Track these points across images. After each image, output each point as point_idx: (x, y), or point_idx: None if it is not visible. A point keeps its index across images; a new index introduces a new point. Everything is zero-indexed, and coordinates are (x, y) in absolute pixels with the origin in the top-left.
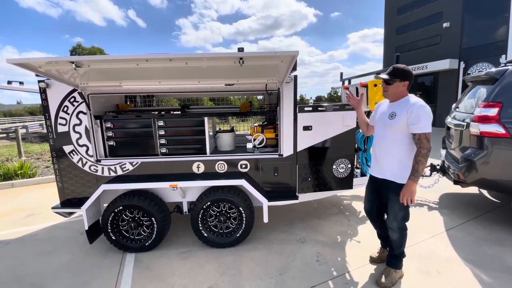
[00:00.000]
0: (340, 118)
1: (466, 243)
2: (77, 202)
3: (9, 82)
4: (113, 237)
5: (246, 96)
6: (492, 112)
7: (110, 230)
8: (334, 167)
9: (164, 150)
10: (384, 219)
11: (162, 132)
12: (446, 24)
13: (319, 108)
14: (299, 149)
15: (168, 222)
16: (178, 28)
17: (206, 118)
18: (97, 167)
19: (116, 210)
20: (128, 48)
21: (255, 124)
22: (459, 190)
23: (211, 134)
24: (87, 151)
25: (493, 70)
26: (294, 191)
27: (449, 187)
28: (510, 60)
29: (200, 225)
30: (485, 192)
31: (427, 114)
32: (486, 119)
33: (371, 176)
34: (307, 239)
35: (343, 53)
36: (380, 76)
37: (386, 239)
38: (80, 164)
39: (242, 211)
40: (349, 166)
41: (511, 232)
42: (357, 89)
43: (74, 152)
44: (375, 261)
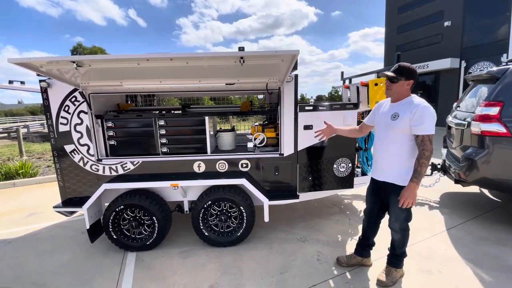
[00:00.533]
0: (341, 117)
1: (467, 243)
2: (78, 201)
3: (10, 82)
4: (114, 236)
5: (246, 96)
6: (493, 111)
7: (111, 229)
8: (335, 166)
9: (165, 150)
10: (380, 222)
11: (163, 131)
12: (447, 23)
13: (320, 107)
14: (299, 148)
15: (169, 221)
16: (179, 27)
17: (207, 118)
18: (98, 166)
19: (117, 209)
20: (129, 48)
21: (256, 123)
22: (460, 189)
23: (211, 133)
24: (88, 151)
25: (494, 69)
26: (294, 190)
27: (450, 186)
28: (511, 59)
29: (201, 224)
30: (486, 192)
31: (431, 115)
32: (487, 118)
33: (372, 179)
34: (308, 238)
35: (344, 52)
36: (386, 73)
37: (366, 248)
38: (81, 164)
39: (243, 210)
40: (349, 165)
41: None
42: (357, 88)
43: (75, 152)
44: (341, 263)
